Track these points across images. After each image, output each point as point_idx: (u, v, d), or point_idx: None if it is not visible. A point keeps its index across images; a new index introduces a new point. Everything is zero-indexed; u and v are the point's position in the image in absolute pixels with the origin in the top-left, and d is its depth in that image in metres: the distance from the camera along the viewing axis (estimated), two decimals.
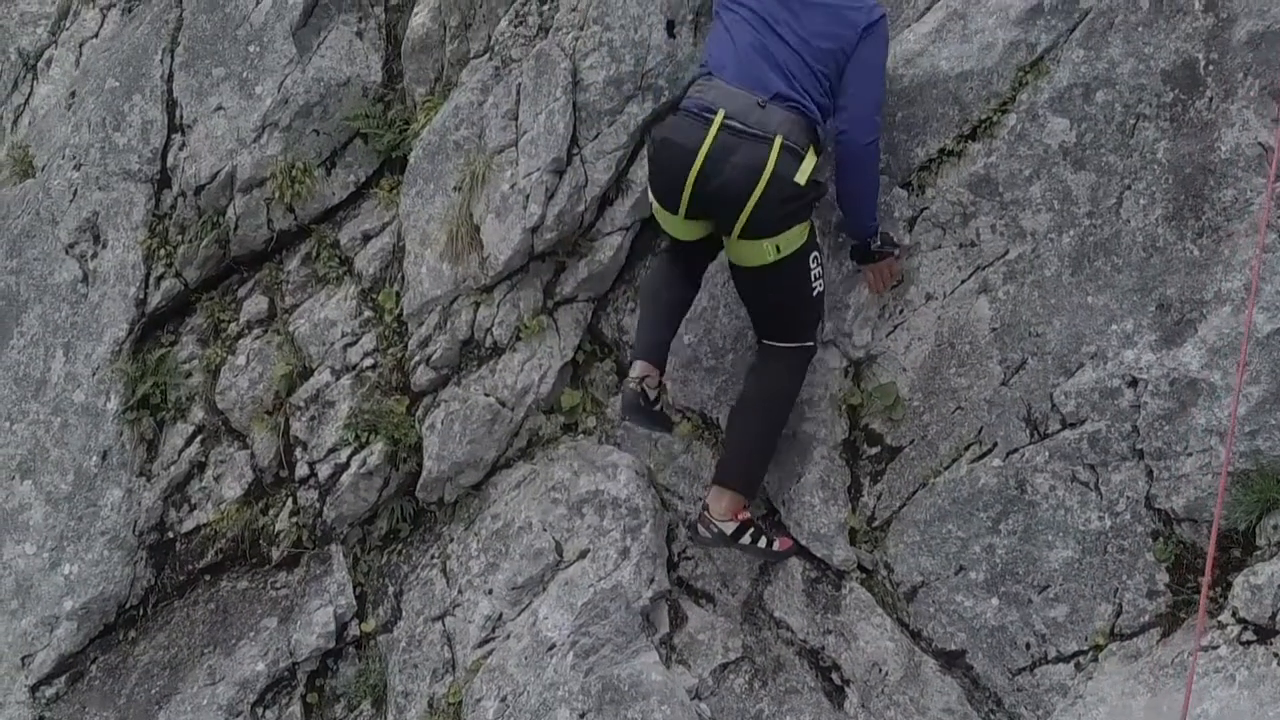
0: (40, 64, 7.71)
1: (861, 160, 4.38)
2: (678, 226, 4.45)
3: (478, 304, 5.13)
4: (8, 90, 7.92)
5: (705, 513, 4.57)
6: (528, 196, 4.95)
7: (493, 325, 5.11)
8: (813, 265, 4.42)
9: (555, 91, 4.96)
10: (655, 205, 4.48)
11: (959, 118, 4.53)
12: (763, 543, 4.56)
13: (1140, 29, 4.28)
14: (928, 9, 4.70)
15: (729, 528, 4.53)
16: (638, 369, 4.59)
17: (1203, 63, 4.19)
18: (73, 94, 6.59)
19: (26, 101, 7.72)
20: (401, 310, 5.30)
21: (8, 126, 7.77)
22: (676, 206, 4.33)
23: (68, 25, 7.71)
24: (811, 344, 4.56)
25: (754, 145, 4.16)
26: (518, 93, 5.06)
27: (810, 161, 4.26)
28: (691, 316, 4.86)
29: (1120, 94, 4.28)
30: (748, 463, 4.58)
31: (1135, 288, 4.21)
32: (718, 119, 4.19)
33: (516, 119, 5.06)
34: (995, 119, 4.46)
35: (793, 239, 4.31)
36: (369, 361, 5.33)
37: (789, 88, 4.25)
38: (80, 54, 7.59)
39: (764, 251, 4.30)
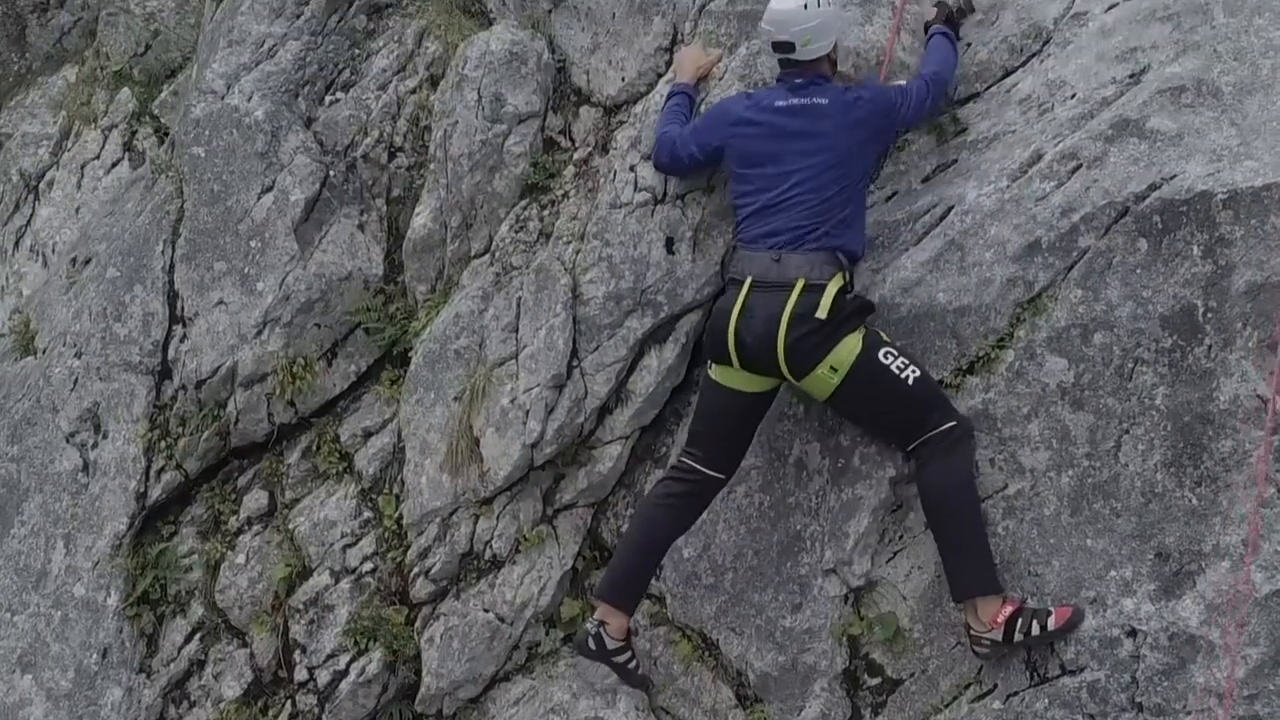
0: (42, 185, 7.76)
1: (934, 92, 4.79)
2: (737, 378, 4.55)
3: (477, 516, 5.13)
4: (9, 212, 7.94)
5: (970, 632, 4.32)
6: (527, 412, 4.96)
7: (492, 538, 5.10)
8: (887, 360, 4.36)
9: (555, 307, 4.98)
10: (714, 366, 4.61)
11: (957, 351, 4.53)
12: (1037, 626, 4.21)
13: (1138, 271, 4.28)
14: (925, 235, 4.71)
15: (998, 635, 4.26)
16: (600, 612, 4.66)
17: (1201, 310, 4.18)
18: (74, 261, 6.57)
19: (28, 223, 7.74)
20: (401, 515, 5.29)
21: (9, 249, 7.79)
22: (728, 358, 4.50)
23: (69, 146, 7.73)
24: (952, 424, 4.33)
25: (775, 295, 4.40)
26: (518, 306, 5.08)
27: (834, 287, 4.40)
28: (691, 530, 4.82)
29: (1118, 337, 4.27)
30: (974, 565, 4.30)
31: (1134, 534, 4.20)
32: (746, 284, 4.47)
33: (517, 331, 5.07)
34: (993, 355, 4.46)
35: (845, 354, 4.36)
36: (368, 565, 5.32)
37: (800, 231, 4.45)
38: (82, 176, 7.62)
39: (825, 379, 4.39)
